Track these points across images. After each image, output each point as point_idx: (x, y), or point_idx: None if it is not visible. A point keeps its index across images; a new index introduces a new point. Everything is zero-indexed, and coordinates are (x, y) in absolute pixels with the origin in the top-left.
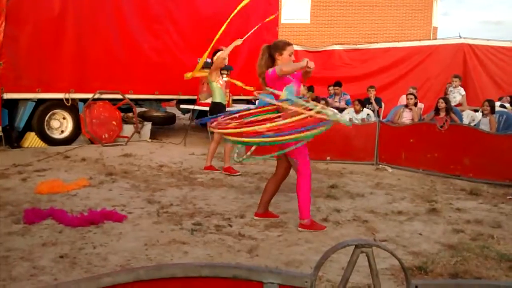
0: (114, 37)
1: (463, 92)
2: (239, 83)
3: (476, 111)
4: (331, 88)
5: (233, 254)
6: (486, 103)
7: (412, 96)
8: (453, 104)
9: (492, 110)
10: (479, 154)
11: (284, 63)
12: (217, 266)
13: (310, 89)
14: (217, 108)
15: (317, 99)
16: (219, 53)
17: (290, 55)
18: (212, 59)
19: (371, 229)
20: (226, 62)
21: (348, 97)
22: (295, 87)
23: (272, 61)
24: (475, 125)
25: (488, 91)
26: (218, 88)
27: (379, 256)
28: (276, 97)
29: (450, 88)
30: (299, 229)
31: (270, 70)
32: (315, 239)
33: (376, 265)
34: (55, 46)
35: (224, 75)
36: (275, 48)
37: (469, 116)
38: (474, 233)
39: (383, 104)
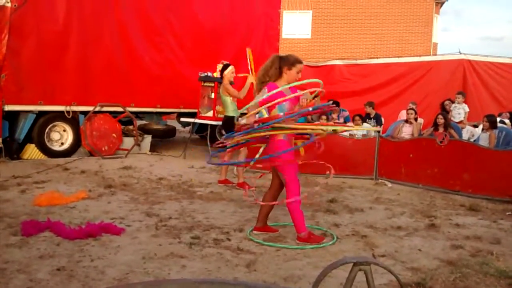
0: (116, 50)
1: (467, 109)
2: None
3: (475, 126)
4: (330, 102)
5: (231, 268)
6: (485, 118)
7: (412, 111)
8: (457, 120)
9: (492, 125)
10: (479, 169)
11: (291, 79)
12: (215, 282)
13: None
14: (231, 122)
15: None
16: (229, 68)
17: (297, 73)
18: (222, 74)
19: (370, 244)
20: (234, 73)
21: (346, 113)
22: (287, 106)
23: (279, 73)
24: (474, 140)
25: (488, 107)
26: (231, 102)
27: (378, 272)
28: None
29: (455, 104)
30: (297, 242)
31: (273, 86)
32: (314, 254)
33: (374, 282)
34: (58, 59)
35: None
36: (285, 62)
37: (468, 132)
38: (474, 249)
39: (383, 120)
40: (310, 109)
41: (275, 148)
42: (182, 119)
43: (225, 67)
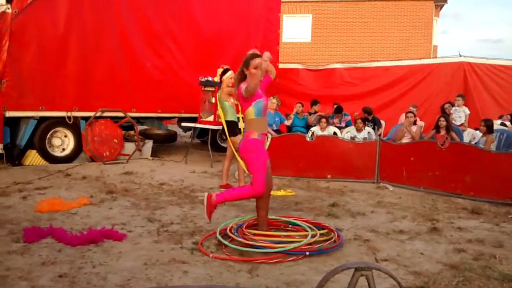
0: (117, 56)
1: (468, 111)
2: None
3: (477, 129)
4: (335, 107)
5: (233, 274)
6: (482, 122)
7: (411, 114)
8: (458, 123)
9: (489, 130)
10: (480, 172)
11: (251, 77)
12: None
13: (314, 102)
14: (231, 127)
15: (321, 117)
16: (228, 73)
17: (255, 68)
18: (221, 79)
19: (372, 248)
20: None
21: (348, 118)
22: (263, 102)
23: (243, 77)
24: (476, 143)
25: (488, 110)
26: (229, 106)
27: (381, 276)
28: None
29: (455, 107)
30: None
31: (242, 87)
32: (316, 259)
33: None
34: (59, 65)
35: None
36: (244, 64)
37: (470, 134)
38: (476, 253)
39: (383, 123)
40: None
41: (247, 146)
42: (183, 124)
43: (224, 71)
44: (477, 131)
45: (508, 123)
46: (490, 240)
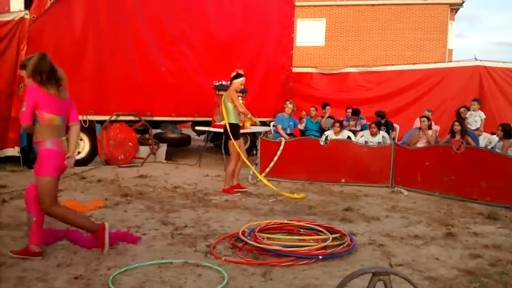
0: (132, 60)
1: (483, 115)
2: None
3: (493, 133)
4: (349, 111)
5: (247, 277)
6: (500, 127)
7: (425, 119)
8: (474, 127)
9: (506, 135)
10: (497, 177)
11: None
12: None
13: (324, 106)
14: (233, 129)
15: (338, 121)
16: (239, 79)
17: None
18: (231, 82)
19: (387, 253)
20: (243, 86)
21: (364, 121)
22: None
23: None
24: (492, 148)
25: (504, 114)
26: (233, 109)
27: (395, 281)
28: None
29: (470, 112)
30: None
31: None
32: (330, 263)
33: None
34: (75, 69)
35: (239, 98)
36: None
37: (485, 139)
38: (493, 259)
39: (397, 127)
40: None
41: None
42: (197, 128)
43: (237, 75)
44: (494, 136)
45: None
46: (506, 246)
